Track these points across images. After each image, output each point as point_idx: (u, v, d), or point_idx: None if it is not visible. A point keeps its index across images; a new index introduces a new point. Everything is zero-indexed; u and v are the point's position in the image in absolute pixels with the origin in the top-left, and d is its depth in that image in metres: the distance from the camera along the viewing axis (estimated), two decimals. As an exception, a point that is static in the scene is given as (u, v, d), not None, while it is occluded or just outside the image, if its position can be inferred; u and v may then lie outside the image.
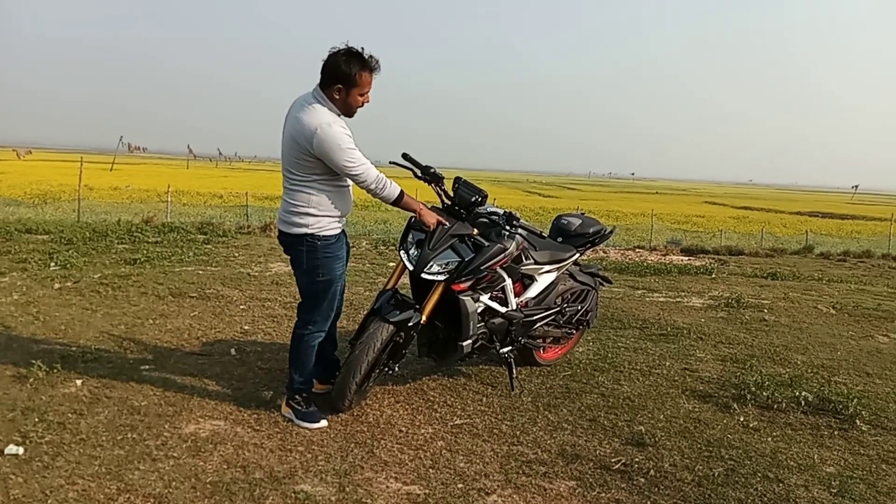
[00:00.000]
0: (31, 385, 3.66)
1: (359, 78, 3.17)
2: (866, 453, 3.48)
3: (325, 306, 3.49)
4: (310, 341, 3.50)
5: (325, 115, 3.18)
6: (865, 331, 6.49)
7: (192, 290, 6.38)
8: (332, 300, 3.50)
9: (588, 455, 3.27)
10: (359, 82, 3.18)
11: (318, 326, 3.51)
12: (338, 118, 3.24)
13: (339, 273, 3.46)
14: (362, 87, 3.21)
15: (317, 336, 3.53)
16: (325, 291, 3.43)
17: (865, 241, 21.44)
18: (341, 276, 3.50)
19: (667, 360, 4.98)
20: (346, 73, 3.15)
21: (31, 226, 10.44)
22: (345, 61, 3.15)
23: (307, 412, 3.45)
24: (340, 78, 3.16)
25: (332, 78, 3.18)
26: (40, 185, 26.62)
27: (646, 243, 16.34)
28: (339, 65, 3.15)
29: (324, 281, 3.39)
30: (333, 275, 3.41)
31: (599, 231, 4.68)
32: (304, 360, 3.51)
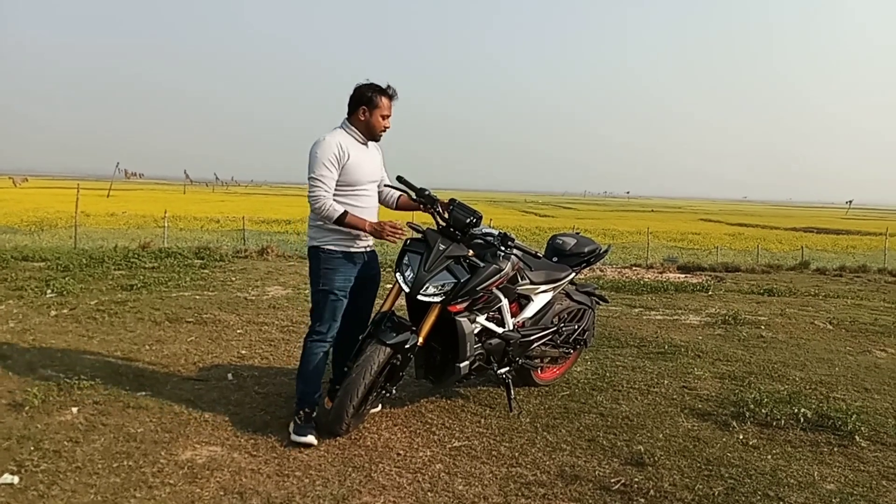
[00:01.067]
0: (26, 413, 3.64)
1: (379, 100, 3.62)
2: (866, 469, 3.46)
3: (326, 317, 3.65)
4: (312, 349, 3.66)
5: (332, 133, 3.61)
6: (863, 346, 6.49)
7: (189, 315, 6.37)
8: (333, 312, 3.65)
9: (587, 476, 3.25)
10: (379, 104, 3.62)
11: (320, 336, 3.67)
12: (345, 139, 3.59)
13: (340, 286, 3.63)
14: (382, 108, 3.64)
15: (319, 345, 3.66)
16: (324, 302, 3.64)
17: (861, 255, 21.49)
18: (343, 290, 3.65)
19: (665, 378, 4.98)
20: (368, 96, 3.61)
21: (27, 253, 10.42)
22: (367, 88, 3.63)
23: (299, 426, 3.53)
24: (364, 101, 3.62)
25: (357, 103, 3.63)
26: (37, 212, 26.60)
27: (642, 261, 16.36)
28: (362, 91, 3.63)
29: (322, 290, 3.63)
30: (332, 286, 3.61)
31: (595, 250, 4.70)
32: (306, 367, 3.65)
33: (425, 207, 3.85)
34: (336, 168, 3.53)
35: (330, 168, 3.51)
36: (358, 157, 3.61)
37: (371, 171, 3.71)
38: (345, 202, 3.57)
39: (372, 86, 3.63)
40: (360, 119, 3.63)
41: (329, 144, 3.52)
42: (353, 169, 3.58)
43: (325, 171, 3.50)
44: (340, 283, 3.63)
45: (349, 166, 3.56)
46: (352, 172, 3.58)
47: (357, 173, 3.60)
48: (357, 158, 3.60)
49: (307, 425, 3.52)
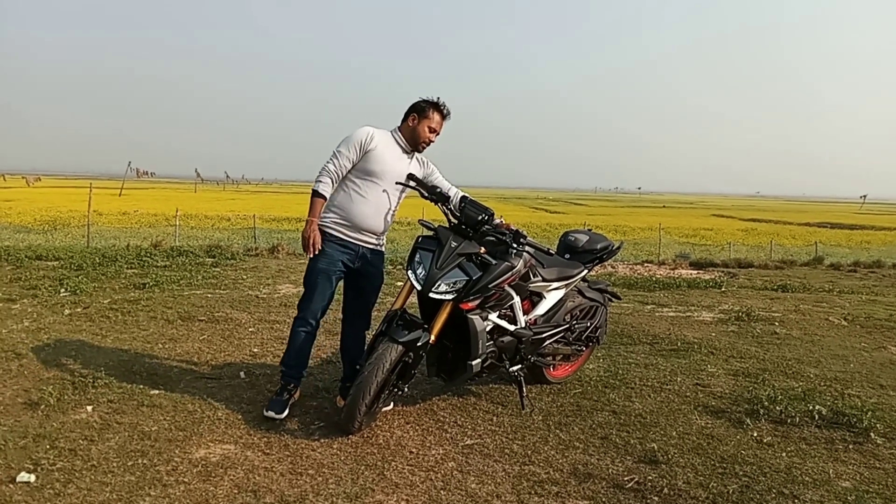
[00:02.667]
0: (42, 412, 3.67)
1: (430, 113, 3.80)
2: (882, 467, 3.43)
3: (306, 293, 3.84)
4: (293, 326, 3.88)
5: (377, 128, 3.80)
6: (878, 342, 6.44)
7: (201, 313, 6.40)
8: (311, 289, 3.80)
9: (600, 474, 3.24)
10: (429, 116, 3.80)
11: (300, 313, 3.85)
12: (383, 136, 3.78)
13: (322, 267, 3.75)
14: (431, 121, 3.80)
15: (298, 322, 3.84)
16: (306, 279, 3.85)
17: (876, 250, 21.30)
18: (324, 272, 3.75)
19: (678, 375, 4.95)
20: (422, 107, 3.81)
21: (41, 252, 10.51)
22: (423, 100, 3.83)
23: (272, 399, 3.82)
24: (417, 110, 3.81)
25: (411, 110, 3.82)
26: (50, 211, 26.83)
27: (654, 258, 16.29)
28: (419, 101, 3.82)
29: (309, 269, 3.82)
30: (314, 264, 3.76)
31: (607, 247, 4.68)
32: (289, 342, 3.88)
33: (437, 204, 3.85)
34: (356, 152, 3.70)
35: (349, 149, 3.70)
36: (385, 152, 3.75)
37: (394, 172, 3.78)
38: (355, 188, 3.75)
39: (429, 100, 3.83)
40: (408, 125, 3.81)
41: (363, 131, 3.73)
42: (374, 159, 3.72)
43: (343, 149, 3.71)
44: (323, 264, 3.75)
45: (371, 155, 3.72)
46: (371, 162, 3.72)
47: (376, 165, 3.72)
48: (383, 153, 3.74)
49: (276, 399, 3.79)
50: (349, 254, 3.79)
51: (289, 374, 3.88)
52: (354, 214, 3.75)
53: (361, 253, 3.83)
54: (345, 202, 3.76)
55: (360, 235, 3.80)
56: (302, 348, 3.86)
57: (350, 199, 3.75)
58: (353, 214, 3.75)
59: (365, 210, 3.75)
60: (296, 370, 3.89)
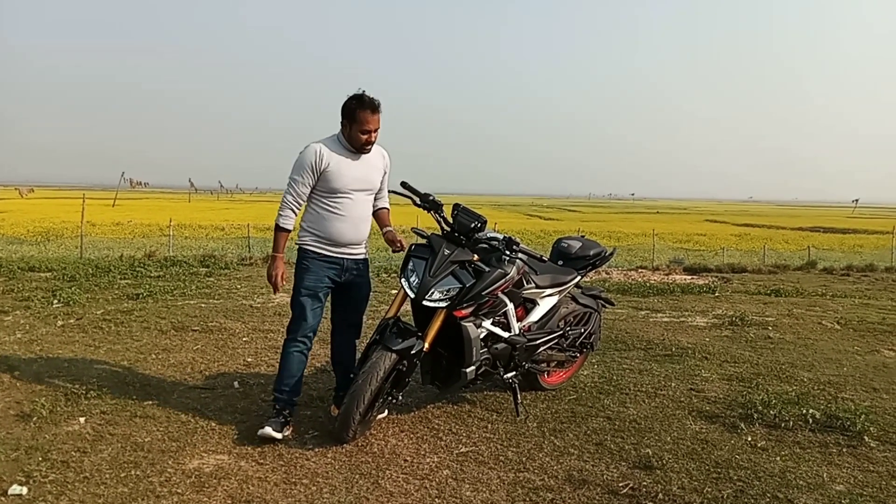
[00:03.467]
0: (34, 424, 3.65)
1: (357, 115, 3.58)
2: (876, 470, 3.44)
3: (295, 315, 3.76)
4: (284, 346, 3.78)
5: (322, 140, 3.68)
6: (871, 345, 6.46)
7: (195, 323, 6.38)
8: (301, 311, 3.72)
9: (595, 480, 3.24)
10: (357, 119, 3.59)
11: (291, 334, 3.77)
12: (330, 147, 3.65)
13: (309, 286, 3.69)
14: (361, 123, 3.59)
15: (290, 343, 3.76)
16: (294, 299, 3.75)
17: (868, 254, 21.39)
18: (312, 291, 3.70)
19: (672, 380, 4.96)
20: (349, 109, 3.61)
21: (33, 263, 10.48)
22: (350, 101, 3.62)
23: (267, 419, 3.66)
24: (345, 115, 3.64)
25: (342, 114, 3.65)
26: (43, 222, 26.71)
27: (648, 263, 16.31)
28: (346, 104, 3.63)
29: (295, 289, 3.74)
30: (301, 284, 3.70)
31: (600, 253, 4.69)
32: (281, 364, 3.77)
33: (430, 212, 3.85)
34: (311, 175, 3.62)
35: (302, 175, 3.62)
36: (340, 166, 3.64)
37: (356, 179, 3.69)
38: (325, 207, 3.68)
39: (353, 98, 3.61)
40: (343, 131, 3.69)
41: (308, 152, 3.63)
42: (332, 177, 3.63)
43: (297, 176, 3.64)
44: (311, 282, 3.70)
45: (328, 173, 3.62)
46: (330, 180, 3.63)
47: (336, 181, 3.63)
48: (338, 167, 3.63)
49: (272, 420, 3.63)
50: (335, 268, 3.73)
51: (284, 401, 3.70)
52: (332, 232, 3.69)
53: (347, 265, 3.76)
54: (319, 221, 3.69)
55: (343, 249, 3.74)
56: (296, 372, 3.73)
57: (323, 217, 3.68)
58: (331, 232, 3.68)
59: (341, 225, 3.69)
60: (290, 396, 3.73)
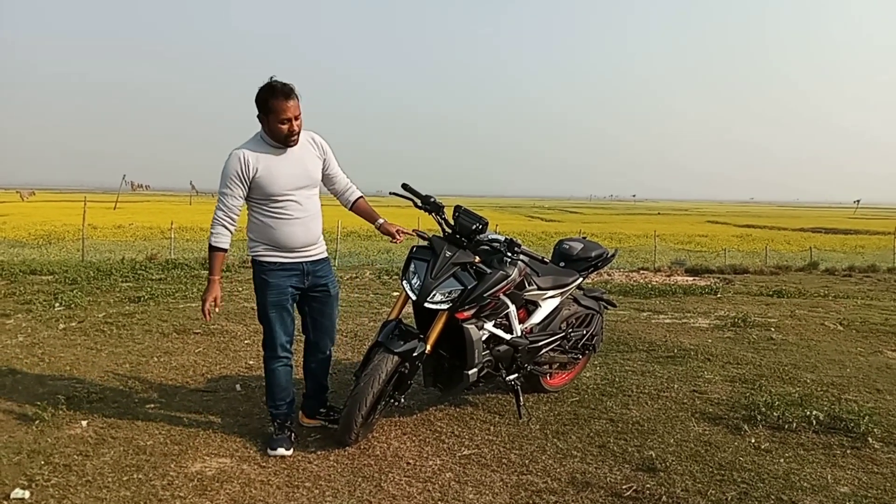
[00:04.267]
0: (36, 427, 3.64)
1: (271, 105, 3.27)
2: (880, 471, 3.43)
3: (266, 330, 3.57)
4: (267, 365, 3.62)
5: (243, 145, 3.39)
6: (874, 346, 6.44)
7: (197, 326, 6.38)
8: (270, 326, 3.53)
9: (598, 483, 3.23)
10: (273, 108, 3.27)
11: (270, 351, 3.60)
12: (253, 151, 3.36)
13: (274, 300, 3.49)
14: (278, 113, 3.27)
15: (271, 361, 3.60)
16: (263, 315, 3.54)
17: (870, 255, 21.38)
18: (277, 304, 3.50)
19: (675, 382, 4.94)
20: (262, 100, 3.29)
21: (35, 267, 10.49)
22: (260, 91, 3.29)
23: (272, 439, 3.54)
24: (260, 107, 3.32)
25: (258, 109, 3.34)
26: (44, 225, 26.76)
27: (650, 265, 16.31)
28: (258, 94, 3.30)
29: (260, 304, 3.53)
30: (265, 300, 3.49)
31: (602, 254, 4.68)
32: (269, 384, 3.64)
33: (431, 214, 3.85)
34: (240, 185, 3.33)
35: (231, 187, 3.33)
36: (270, 168, 3.34)
37: (293, 180, 3.41)
38: (268, 214, 3.41)
39: (263, 88, 3.29)
40: (263, 126, 3.37)
41: (232, 161, 3.32)
42: (266, 182, 3.34)
43: (226, 189, 3.34)
44: (274, 296, 3.48)
45: (259, 179, 3.33)
46: (264, 185, 3.35)
47: (271, 185, 3.35)
48: (269, 169, 3.34)
49: (280, 437, 3.52)
50: (296, 274, 3.51)
51: (281, 414, 3.60)
52: (282, 238, 3.43)
53: (307, 269, 3.55)
54: (266, 230, 3.43)
55: (298, 253, 3.50)
56: (283, 384, 3.61)
57: (269, 225, 3.42)
58: (281, 238, 3.43)
59: (290, 230, 3.44)
60: (287, 407, 3.63)
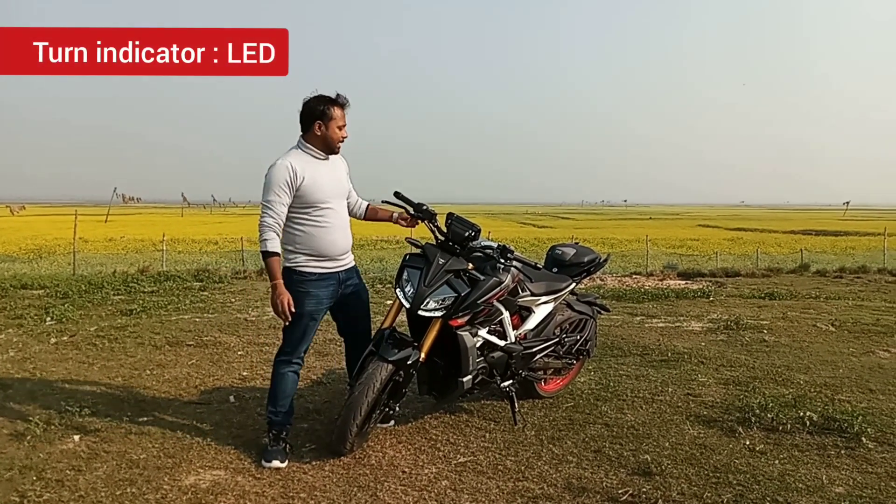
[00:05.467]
0: (28, 442, 3.61)
1: (332, 112, 3.52)
2: (874, 471, 3.44)
3: (294, 339, 3.62)
4: (278, 369, 3.65)
5: (285, 155, 3.52)
6: (866, 347, 6.48)
7: (190, 338, 6.35)
8: (301, 334, 3.61)
9: (595, 487, 3.23)
10: (333, 115, 3.52)
11: (286, 356, 3.64)
12: (299, 160, 3.50)
13: (311, 310, 3.57)
14: (338, 119, 3.53)
15: (285, 366, 3.64)
16: (294, 323, 3.56)
17: (861, 256, 21.46)
18: (313, 314, 3.59)
19: (669, 386, 4.95)
20: (321, 110, 3.51)
21: (26, 281, 10.41)
22: (317, 101, 3.53)
23: (267, 450, 3.52)
24: (317, 115, 3.51)
25: (310, 118, 3.53)
26: (35, 239, 26.57)
27: (642, 269, 16.33)
28: (313, 105, 3.53)
29: (294, 313, 3.51)
30: (302, 309, 3.53)
31: (594, 260, 4.70)
32: (274, 388, 3.65)
33: (423, 222, 3.85)
34: (288, 193, 3.45)
35: (280, 194, 3.43)
36: (315, 176, 3.50)
37: (333, 188, 3.60)
38: (311, 223, 3.53)
39: (322, 98, 3.53)
40: (316, 134, 3.53)
41: (279, 170, 3.44)
42: (311, 189, 3.48)
43: (275, 196, 3.43)
44: (311, 306, 3.56)
45: (306, 187, 3.47)
46: (310, 192, 3.48)
47: (317, 192, 3.50)
48: (314, 177, 3.50)
49: (274, 448, 3.50)
50: (332, 285, 3.63)
51: (280, 422, 3.60)
52: (322, 246, 3.56)
53: (342, 278, 3.68)
54: (309, 238, 3.54)
55: (334, 262, 3.63)
56: (290, 393, 3.65)
57: (312, 233, 3.54)
58: (320, 246, 3.56)
59: (331, 237, 3.58)
60: (287, 417, 3.64)
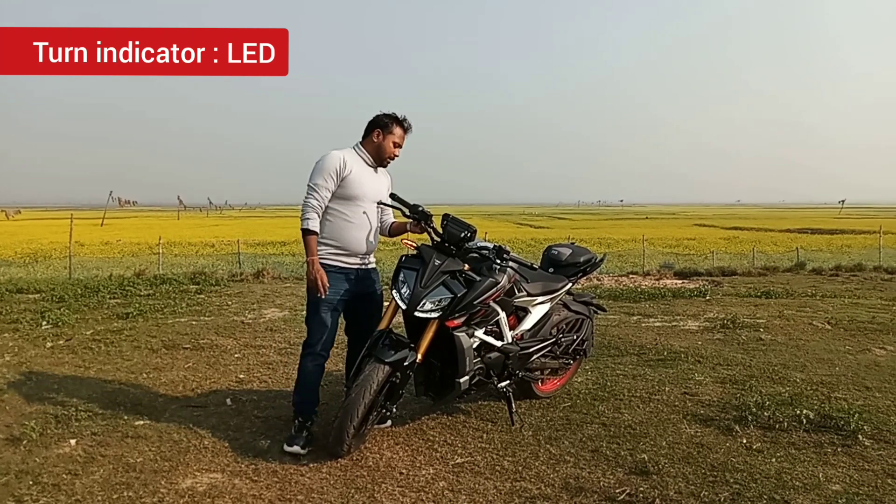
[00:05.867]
0: (24, 447, 3.60)
1: (393, 127, 3.82)
2: (871, 468, 3.45)
3: (314, 329, 3.77)
4: (303, 361, 3.80)
5: (340, 149, 3.78)
6: (862, 344, 6.49)
7: (186, 341, 6.34)
8: (320, 324, 3.74)
9: (592, 487, 3.23)
10: (393, 131, 3.82)
11: (309, 348, 3.78)
12: (351, 156, 3.76)
13: (328, 299, 3.70)
14: (395, 135, 3.82)
15: (309, 357, 3.77)
16: (312, 313, 3.76)
17: (856, 254, 21.53)
18: (331, 303, 3.73)
19: (666, 385, 4.96)
20: (385, 122, 3.82)
21: (21, 285, 10.38)
22: (384, 115, 3.84)
23: (290, 436, 3.69)
24: (380, 125, 3.82)
25: (373, 126, 3.84)
26: (31, 243, 26.50)
27: (639, 269, 16.36)
28: (380, 118, 3.83)
29: (311, 302, 3.74)
30: (318, 300, 3.69)
31: (590, 259, 4.70)
32: (299, 379, 3.82)
33: (419, 223, 3.86)
34: (334, 180, 3.68)
35: (327, 179, 3.66)
36: (360, 174, 3.75)
37: (372, 191, 3.82)
38: (345, 217, 3.73)
39: (390, 114, 3.84)
40: (372, 141, 3.82)
41: (332, 157, 3.69)
42: (353, 184, 3.71)
43: (321, 180, 3.66)
44: (329, 296, 3.70)
45: (349, 180, 3.70)
46: (351, 187, 3.71)
47: (356, 189, 3.73)
48: (359, 175, 3.74)
49: (297, 435, 3.66)
50: (350, 280, 3.79)
51: (304, 411, 3.76)
52: (347, 241, 3.75)
53: (360, 275, 3.84)
54: (335, 231, 3.74)
55: (355, 259, 3.81)
56: (314, 385, 3.81)
57: (339, 226, 3.74)
58: (346, 241, 3.75)
59: (356, 234, 3.77)
60: (311, 406, 3.80)
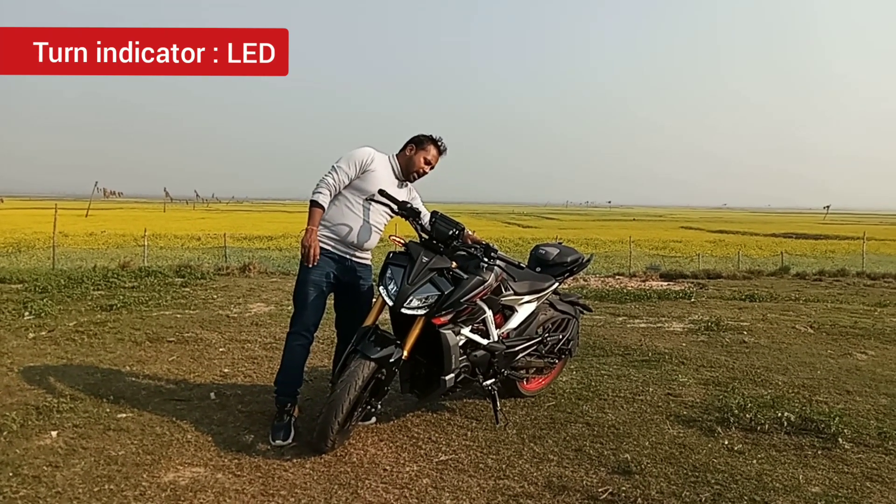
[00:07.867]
0: (4, 438, 3.56)
1: (428, 145, 3.98)
2: (850, 471, 3.49)
3: (298, 307, 3.84)
4: (287, 341, 3.85)
5: (378, 151, 3.91)
6: (844, 349, 6.56)
7: (170, 334, 6.30)
8: (303, 303, 3.79)
9: (575, 486, 3.24)
10: (426, 147, 3.97)
11: (293, 328, 3.84)
12: (382, 159, 3.89)
13: (314, 279, 3.77)
14: (427, 153, 3.97)
15: (292, 337, 3.82)
16: (297, 291, 3.84)
17: (840, 259, 21.76)
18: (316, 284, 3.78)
19: (650, 386, 4.99)
20: (421, 139, 3.98)
21: (4, 275, 10.27)
22: (423, 134, 3.99)
23: (274, 426, 3.74)
24: (416, 141, 3.98)
25: (410, 141, 4.00)
26: (13, 233, 26.24)
27: (625, 270, 16.45)
28: (419, 135, 3.99)
29: (300, 282, 3.81)
30: (305, 277, 3.77)
31: (577, 259, 4.72)
32: (284, 358, 3.87)
33: (407, 219, 3.86)
34: (356, 169, 3.79)
35: (350, 166, 3.78)
36: (382, 177, 3.85)
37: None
38: (351, 207, 3.82)
39: (429, 135, 3.99)
40: (405, 154, 3.97)
41: (363, 150, 3.84)
42: (371, 180, 3.81)
43: (344, 165, 3.78)
44: (315, 275, 3.77)
45: (369, 176, 3.81)
46: (368, 182, 3.81)
47: (372, 185, 3.80)
48: (381, 176, 3.84)
49: (279, 424, 3.71)
50: (339, 266, 3.85)
51: (285, 392, 3.82)
52: (345, 230, 3.81)
53: (350, 265, 3.89)
54: (336, 217, 3.82)
55: (348, 249, 3.87)
56: (297, 364, 3.84)
57: (342, 214, 3.81)
58: (339, 228, 3.81)
59: (355, 226, 3.82)
60: (291, 388, 3.84)
